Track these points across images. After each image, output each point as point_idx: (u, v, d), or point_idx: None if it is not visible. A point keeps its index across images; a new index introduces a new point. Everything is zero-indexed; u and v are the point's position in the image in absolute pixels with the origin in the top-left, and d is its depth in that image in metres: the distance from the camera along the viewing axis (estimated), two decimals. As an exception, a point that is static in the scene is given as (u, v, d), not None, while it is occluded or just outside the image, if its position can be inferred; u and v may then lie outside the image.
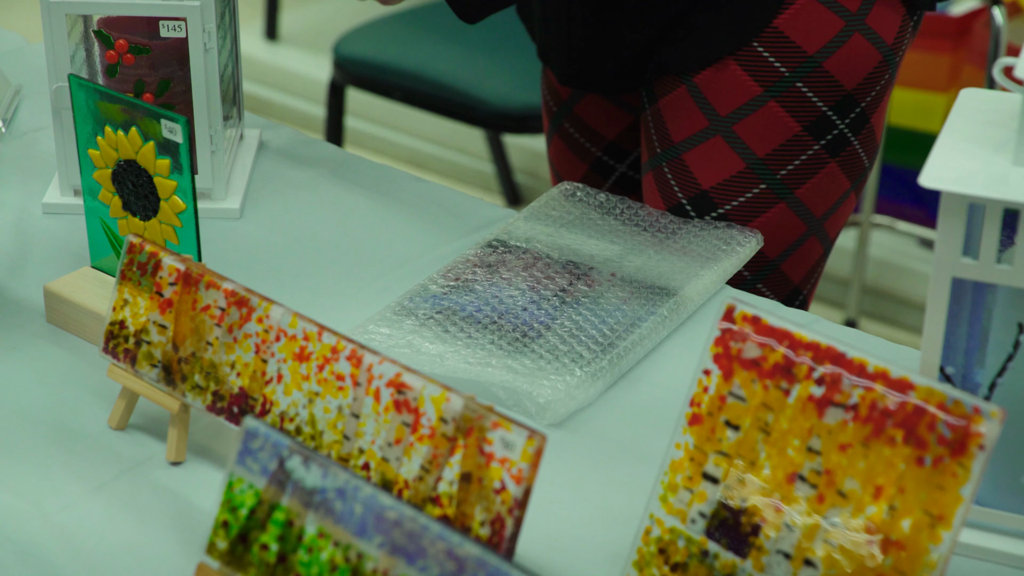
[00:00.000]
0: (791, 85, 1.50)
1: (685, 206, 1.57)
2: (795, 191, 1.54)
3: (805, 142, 1.52)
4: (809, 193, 1.55)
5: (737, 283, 1.56)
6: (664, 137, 1.57)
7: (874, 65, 1.52)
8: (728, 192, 1.55)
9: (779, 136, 1.52)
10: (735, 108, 1.51)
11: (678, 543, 1.01)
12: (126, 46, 1.50)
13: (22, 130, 1.72)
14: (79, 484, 1.16)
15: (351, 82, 2.95)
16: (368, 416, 1.04)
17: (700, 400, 1.01)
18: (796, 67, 1.49)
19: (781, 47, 1.49)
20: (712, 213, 1.55)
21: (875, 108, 1.55)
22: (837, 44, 1.49)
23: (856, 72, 1.51)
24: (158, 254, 1.18)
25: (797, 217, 1.55)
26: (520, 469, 0.96)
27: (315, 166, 1.67)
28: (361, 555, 0.93)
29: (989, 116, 1.10)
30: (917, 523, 0.92)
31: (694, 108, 1.53)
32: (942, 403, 0.92)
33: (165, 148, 1.25)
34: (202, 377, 1.15)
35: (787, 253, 1.57)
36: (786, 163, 1.52)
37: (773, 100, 1.50)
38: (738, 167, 1.53)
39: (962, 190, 1.01)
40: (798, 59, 1.49)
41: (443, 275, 1.41)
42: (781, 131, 1.51)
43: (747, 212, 1.55)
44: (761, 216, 1.54)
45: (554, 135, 1.76)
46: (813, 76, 1.49)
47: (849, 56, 1.50)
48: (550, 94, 1.75)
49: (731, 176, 1.54)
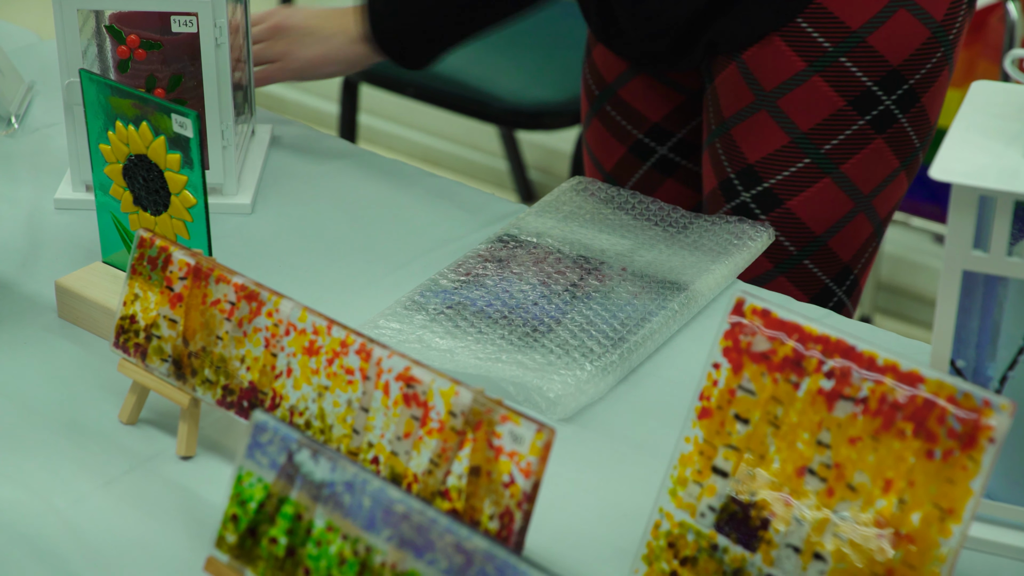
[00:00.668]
0: (835, 60, 1.51)
1: (733, 180, 1.59)
2: (840, 166, 1.55)
3: (850, 117, 1.53)
4: (855, 169, 1.55)
5: (782, 258, 1.58)
6: (717, 114, 1.60)
7: (922, 41, 1.52)
8: (773, 166, 1.56)
9: (823, 110, 1.53)
10: (780, 83, 1.53)
11: (687, 537, 1.01)
12: (137, 41, 1.50)
13: (35, 126, 1.73)
14: (89, 479, 1.16)
15: (364, 78, 2.95)
16: (377, 410, 1.04)
17: (710, 393, 1.01)
18: (840, 42, 1.50)
19: (825, 22, 1.50)
20: (758, 187, 1.57)
21: (927, 87, 1.55)
22: (882, 19, 1.50)
23: (902, 48, 1.51)
24: (168, 249, 1.18)
25: (843, 193, 1.56)
26: (529, 463, 0.96)
27: (326, 161, 1.67)
28: (370, 548, 0.93)
29: (1001, 109, 1.09)
30: (927, 517, 0.92)
31: (742, 84, 1.56)
32: (952, 396, 0.92)
33: (176, 143, 1.25)
34: (212, 371, 1.15)
35: (834, 230, 1.58)
36: (830, 137, 1.53)
37: (817, 75, 1.51)
38: (782, 141, 1.55)
39: (973, 183, 1.01)
40: (842, 34, 1.50)
41: (454, 270, 1.41)
42: (825, 105, 1.53)
43: (792, 186, 1.56)
44: (806, 191, 1.55)
45: (593, 118, 1.77)
46: (857, 51, 1.50)
47: (894, 31, 1.50)
48: (593, 78, 1.76)
49: (776, 150, 1.55)
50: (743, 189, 1.58)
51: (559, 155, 3.58)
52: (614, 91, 1.74)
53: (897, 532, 0.93)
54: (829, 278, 1.61)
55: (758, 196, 1.58)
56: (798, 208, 1.57)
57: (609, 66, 1.74)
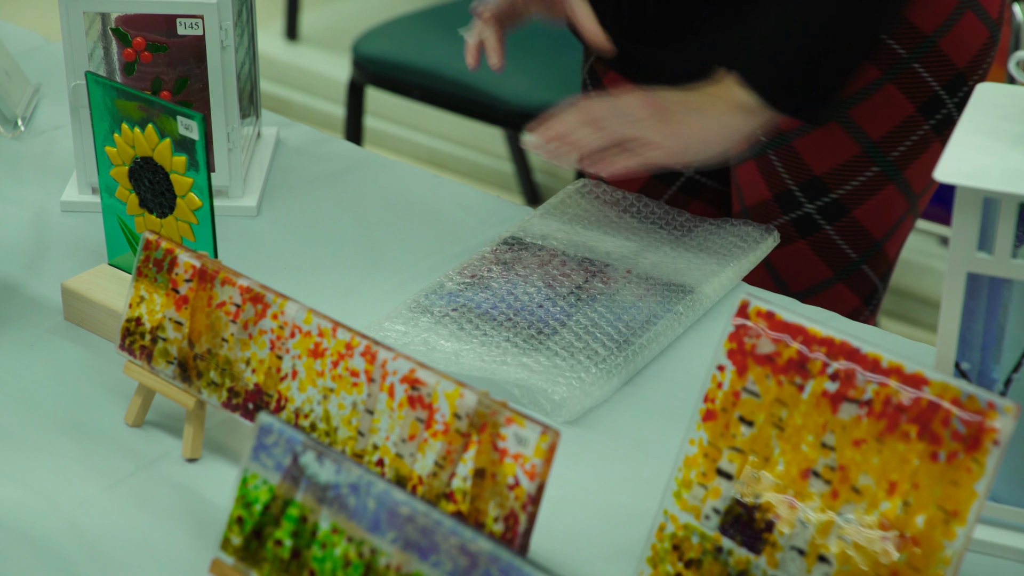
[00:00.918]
0: (908, 66, 1.49)
1: (794, 192, 1.56)
2: (903, 171, 1.54)
3: (917, 122, 1.52)
4: (914, 172, 1.55)
5: (843, 265, 1.56)
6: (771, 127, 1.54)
7: (983, 41, 1.51)
8: (841, 176, 1.54)
9: (894, 118, 1.52)
10: (852, 92, 1.51)
11: (692, 539, 1.01)
12: (143, 44, 1.50)
13: (41, 128, 1.73)
14: (95, 481, 1.16)
15: (370, 81, 2.95)
16: (382, 412, 1.05)
17: (714, 396, 1.01)
18: (914, 47, 1.49)
19: (899, 28, 1.49)
20: (825, 198, 1.55)
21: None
22: (952, 22, 1.49)
23: (967, 49, 1.50)
24: (174, 251, 1.18)
25: (902, 196, 1.56)
26: (534, 465, 0.96)
27: (332, 164, 1.68)
28: (374, 550, 0.93)
29: (1005, 111, 1.09)
30: (931, 519, 0.92)
31: None
32: (956, 398, 0.92)
33: (181, 145, 1.25)
34: (217, 374, 1.15)
35: (890, 232, 1.58)
36: (898, 144, 1.52)
37: (890, 82, 1.50)
38: (852, 151, 1.53)
39: (977, 184, 1.01)
40: (916, 39, 1.49)
41: (459, 272, 1.41)
42: (896, 112, 1.51)
43: (860, 195, 1.54)
44: (872, 198, 1.54)
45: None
46: (929, 56, 1.49)
47: (961, 33, 1.50)
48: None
49: (845, 160, 1.53)
50: (806, 200, 1.55)
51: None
52: None
53: (901, 534, 0.93)
54: (878, 277, 1.60)
55: (824, 207, 1.56)
56: (863, 216, 1.55)
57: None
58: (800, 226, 1.57)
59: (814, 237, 1.57)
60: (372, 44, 2.95)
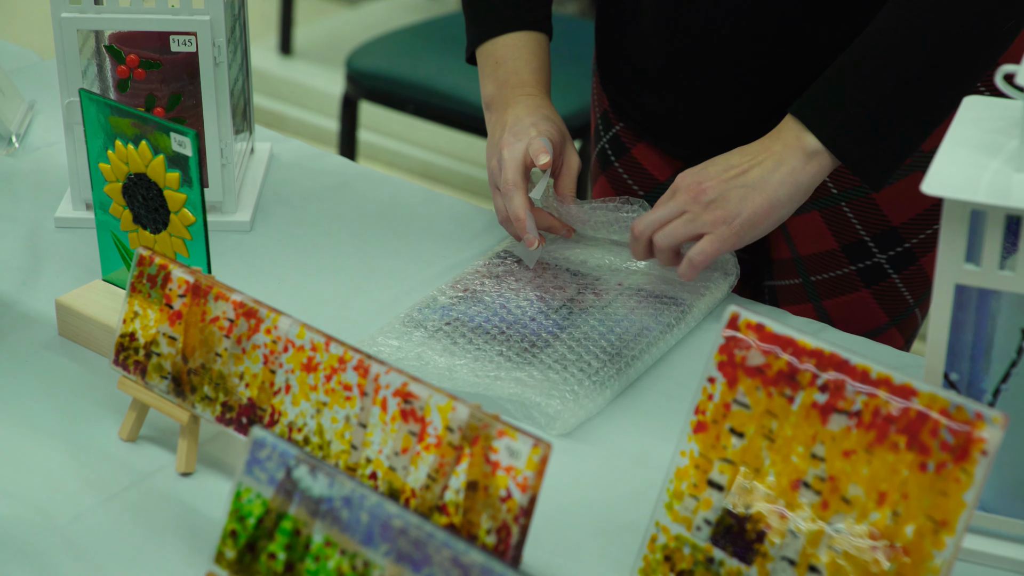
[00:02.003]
0: None
1: (867, 242, 1.50)
2: None
3: None
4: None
5: (901, 309, 1.53)
6: (842, 179, 1.49)
7: None
8: (917, 225, 1.50)
9: None
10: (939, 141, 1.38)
11: (684, 550, 1.01)
12: (137, 61, 1.51)
13: (35, 145, 1.73)
14: (90, 495, 1.17)
15: (364, 96, 2.96)
16: (375, 425, 1.05)
17: (705, 408, 1.01)
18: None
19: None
20: (898, 248, 1.51)
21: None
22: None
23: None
24: (168, 267, 1.18)
25: None
26: (526, 477, 0.97)
27: (325, 179, 1.68)
28: (368, 563, 0.94)
29: (992, 123, 1.10)
30: (920, 529, 0.92)
31: None
32: (945, 409, 0.92)
33: (175, 161, 1.26)
34: (211, 388, 1.16)
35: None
36: None
37: None
38: (933, 199, 1.46)
39: (965, 197, 1.02)
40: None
41: (451, 286, 1.41)
42: None
43: (930, 243, 1.50)
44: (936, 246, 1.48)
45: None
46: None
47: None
48: (634, 177, 1.64)
49: (925, 210, 1.49)
50: (878, 251, 1.51)
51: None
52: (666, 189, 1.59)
53: (891, 544, 0.93)
54: (923, 315, 1.57)
55: (895, 257, 1.52)
56: (928, 263, 1.53)
57: (658, 164, 1.61)
58: (867, 275, 1.53)
59: (879, 286, 1.54)
60: (366, 59, 2.96)
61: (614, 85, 1.60)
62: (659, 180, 1.61)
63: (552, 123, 1.45)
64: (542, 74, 1.51)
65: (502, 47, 1.51)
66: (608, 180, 1.65)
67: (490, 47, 1.51)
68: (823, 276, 1.54)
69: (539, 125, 1.43)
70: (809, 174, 1.33)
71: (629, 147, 1.63)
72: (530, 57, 1.51)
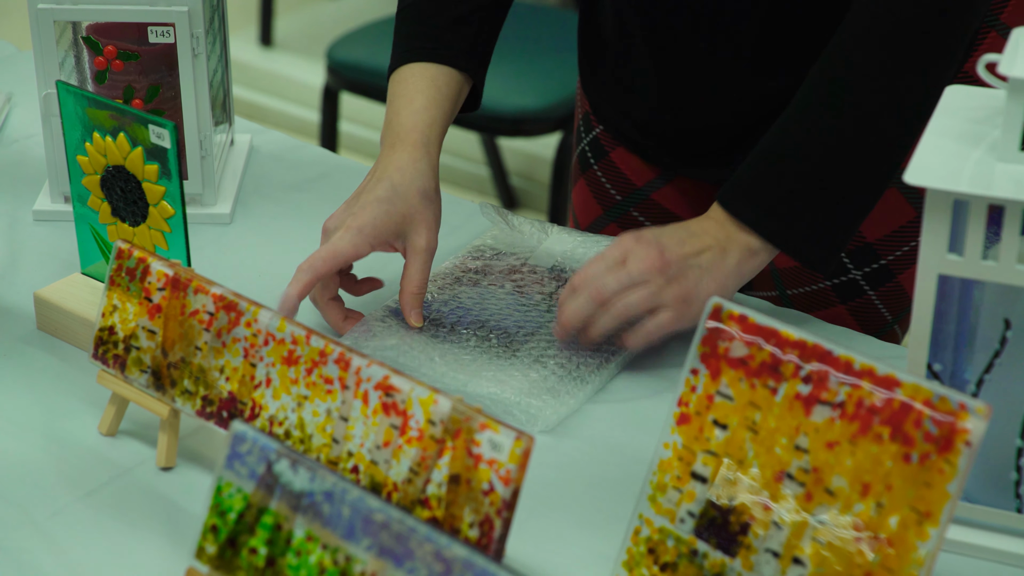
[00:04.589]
0: None
1: (843, 259, 1.49)
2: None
3: None
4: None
5: (879, 326, 1.52)
6: None
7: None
8: (894, 242, 1.49)
9: None
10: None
11: (667, 543, 1.01)
12: (115, 52, 1.50)
13: (13, 137, 1.72)
14: (69, 490, 1.16)
15: (345, 87, 2.95)
16: (357, 419, 1.04)
17: (688, 400, 1.01)
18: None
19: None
20: (874, 264, 1.50)
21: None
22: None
23: None
24: (147, 260, 1.18)
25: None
26: (508, 470, 0.96)
27: (306, 171, 1.67)
28: (349, 558, 0.93)
29: (974, 113, 1.10)
30: (904, 520, 0.92)
31: None
32: (928, 400, 0.92)
33: (153, 153, 1.25)
34: (191, 382, 1.15)
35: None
36: None
37: None
38: (908, 216, 1.47)
39: (947, 187, 1.01)
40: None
41: (430, 281, 1.40)
42: None
43: (908, 260, 1.50)
44: (916, 263, 1.48)
45: (610, 224, 1.64)
46: None
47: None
48: (611, 181, 1.62)
49: (900, 226, 1.49)
50: (854, 267, 1.50)
51: (541, 161, 3.58)
52: (646, 195, 1.61)
53: (875, 536, 0.93)
54: (903, 332, 1.56)
55: (871, 273, 1.51)
56: (906, 279, 1.51)
57: (637, 169, 1.61)
58: (842, 291, 1.52)
59: (855, 302, 1.53)
60: (346, 50, 2.95)
61: (595, 90, 1.60)
62: (637, 185, 1.60)
63: (394, 218, 1.33)
64: (424, 116, 1.38)
65: (394, 82, 1.42)
66: (587, 183, 1.64)
67: (393, 77, 1.43)
68: (799, 290, 1.54)
69: (377, 223, 1.32)
70: (752, 267, 1.31)
71: (608, 151, 1.62)
72: (414, 95, 1.39)
